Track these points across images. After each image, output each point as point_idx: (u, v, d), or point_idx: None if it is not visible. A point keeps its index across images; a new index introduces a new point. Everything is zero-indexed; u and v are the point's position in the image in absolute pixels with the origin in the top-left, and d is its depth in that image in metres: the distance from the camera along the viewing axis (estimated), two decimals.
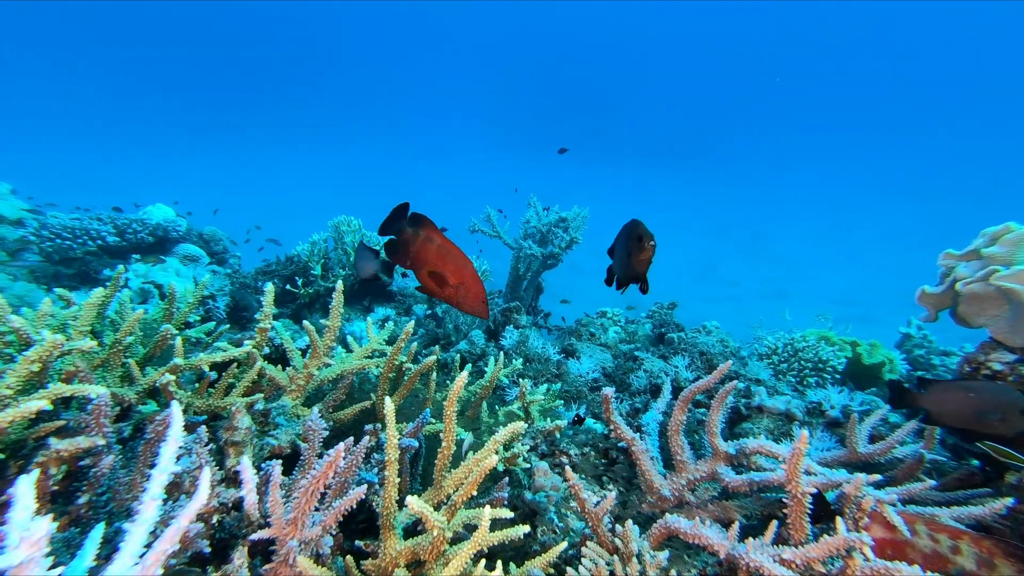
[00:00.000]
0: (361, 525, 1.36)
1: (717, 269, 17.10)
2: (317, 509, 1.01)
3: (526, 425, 1.27)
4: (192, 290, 1.70)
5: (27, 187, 5.05)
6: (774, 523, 1.17)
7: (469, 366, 2.01)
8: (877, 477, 1.10)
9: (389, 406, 1.07)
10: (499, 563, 1.19)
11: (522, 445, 1.63)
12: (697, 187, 28.89)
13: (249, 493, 0.85)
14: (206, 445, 0.91)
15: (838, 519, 0.98)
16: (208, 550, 0.85)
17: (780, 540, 1.13)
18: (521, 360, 2.21)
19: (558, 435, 1.80)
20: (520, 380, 1.83)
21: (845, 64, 39.37)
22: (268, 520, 0.86)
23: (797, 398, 2.35)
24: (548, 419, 1.92)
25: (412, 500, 0.87)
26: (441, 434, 1.73)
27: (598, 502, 1.25)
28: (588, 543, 1.17)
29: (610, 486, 1.62)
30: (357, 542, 1.15)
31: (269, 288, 1.43)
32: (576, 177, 31.54)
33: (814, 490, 1.05)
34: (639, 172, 31.95)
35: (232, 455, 0.98)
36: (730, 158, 34.08)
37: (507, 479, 1.46)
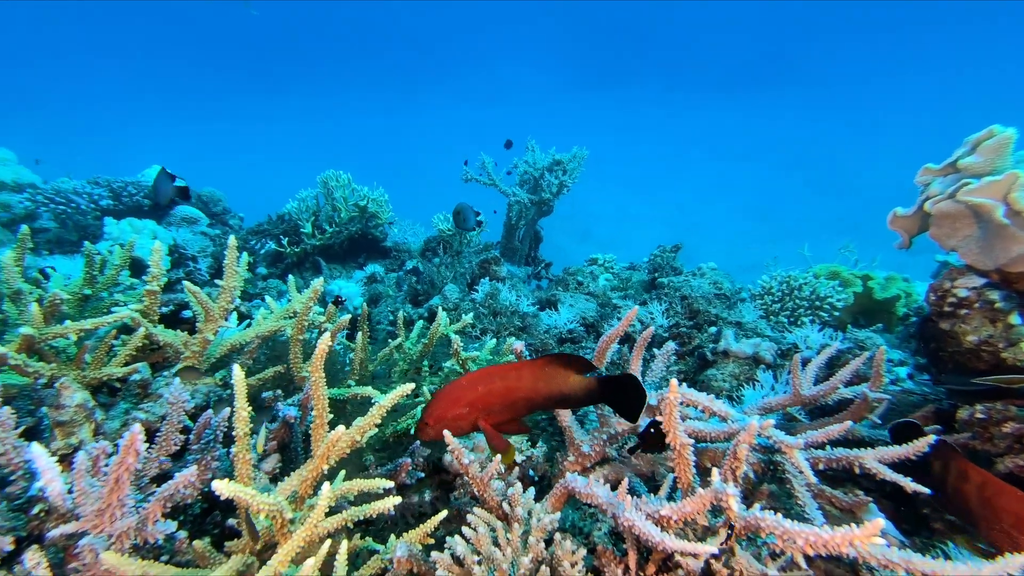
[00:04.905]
0: None
1: (781, 206, 16.12)
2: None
3: (413, 386, 1.18)
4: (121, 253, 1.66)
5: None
6: (669, 478, 1.08)
7: (408, 339, 1.94)
8: (771, 421, 0.98)
9: (238, 374, 0.99)
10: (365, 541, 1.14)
11: None
12: (767, 117, 26.71)
13: (50, 483, 0.79)
14: (14, 428, 0.86)
15: (714, 470, 0.87)
16: (10, 548, 0.80)
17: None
18: (472, 314, 2.12)
19: None
20: (455, 337, 1.75)
21: None
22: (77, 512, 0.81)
23: (771, 340, 2.20)
24: None
25: (219, 484, 0.80)
26: (372, 399, 1.68)
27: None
28: (474, 509, 1.10)
29: (540, 443, 1.54)
30: (230, 521, 1.10)
31: (156, 246, 1.35)
32: (634, 113, 29.98)
33: (692, 441, 0.94)
34: (704, 103, 29.64)
35: (59, 437, 0.92)
36: (805, 82, 30.74)
37: (418, 443, 1.39)
